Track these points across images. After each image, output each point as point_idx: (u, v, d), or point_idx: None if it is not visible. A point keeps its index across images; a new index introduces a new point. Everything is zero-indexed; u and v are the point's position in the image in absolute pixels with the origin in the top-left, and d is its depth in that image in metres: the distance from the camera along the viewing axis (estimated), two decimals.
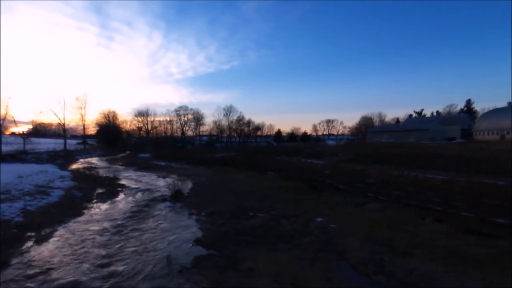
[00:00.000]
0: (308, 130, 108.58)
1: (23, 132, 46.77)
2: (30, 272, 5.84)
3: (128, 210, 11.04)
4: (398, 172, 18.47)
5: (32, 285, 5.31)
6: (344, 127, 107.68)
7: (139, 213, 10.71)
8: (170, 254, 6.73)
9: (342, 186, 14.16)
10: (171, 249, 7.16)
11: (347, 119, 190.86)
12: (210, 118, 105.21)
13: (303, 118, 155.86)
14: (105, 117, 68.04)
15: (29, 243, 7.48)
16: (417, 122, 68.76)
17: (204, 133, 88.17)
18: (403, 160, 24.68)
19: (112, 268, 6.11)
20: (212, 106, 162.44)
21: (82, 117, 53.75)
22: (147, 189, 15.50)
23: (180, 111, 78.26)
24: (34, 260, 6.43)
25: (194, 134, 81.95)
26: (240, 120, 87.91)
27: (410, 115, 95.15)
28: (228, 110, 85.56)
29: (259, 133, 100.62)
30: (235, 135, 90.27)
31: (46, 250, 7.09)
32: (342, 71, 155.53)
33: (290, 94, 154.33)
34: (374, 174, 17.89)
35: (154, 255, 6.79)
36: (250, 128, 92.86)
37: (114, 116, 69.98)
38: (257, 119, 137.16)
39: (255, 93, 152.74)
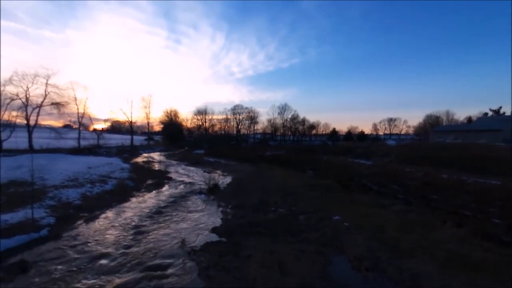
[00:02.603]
0: (368, 129, 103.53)
1: (102, 129, 53.29)
2: (74, 243, 7.26)
3: (167, 200, 12.36)
4: (447, 175, 17.25)
5: (71, 252, 6.65)
6: (408, 126, 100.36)
7: (175, 203, 11.95)
8: (185, 238, 7.66)
9: (375, 186, 13.85)
10: (189, 234, 8.10)
11: (412, 117, 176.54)
12: (265, 117, 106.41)
13: (362, 116, 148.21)
14: (168, 116, 73.70)
15: (80, 222, 9.07)
16: (490, 121, 60.77)
17: (258, 132, 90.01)
18: (460, 163, 22.71)
19: (136, 244, 7.25)
20: (270, 104, 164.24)
21: (147, 116, 59.01)
22: (190, 182, 16.91)
23: (236, 109, 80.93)
24: (79, 235, 7.89)
25: (248, 132, 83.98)
26: (294, 118, 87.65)
27: (485, 114, 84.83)
28: (283, 109, 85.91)
29: (314, 131, 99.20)
30: (289, 133, 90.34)
31: (91, 228, 8.56)
32: (406, 67, 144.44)
33: (349, 91, 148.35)
34: (418, 176, 16.97)
35: (173, 237, 7.79)
36: (305, 126, 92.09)
37: (176, 114, 75.31)
38: (312, 118, 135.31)
39: (313, 91, 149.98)
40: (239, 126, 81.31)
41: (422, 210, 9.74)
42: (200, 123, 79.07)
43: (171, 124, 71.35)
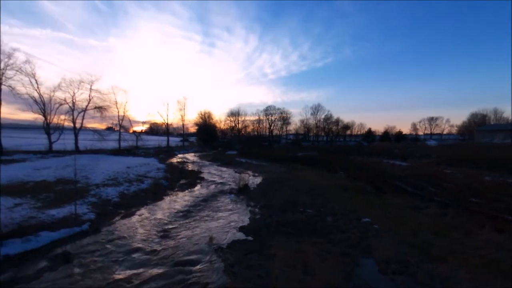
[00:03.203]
0: (406, 129, 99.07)
1: (141, 130, 56.10)
2: (111, 237, 7.78)
3: (198, 199, 12.78)
4: (492, 178, 16.08)
5: (108, 245, 7.15)
6: (451, 126, 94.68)
7: (205, 202, 12.32)
8: (213, 236, 7.91)
9: (410, 188, 13.27)
10: (217, 232, 8.34)
11: (455, 116, 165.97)
12: (298, 117, 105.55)
13: (400, 116, 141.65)
14: (202, 117, 75.76)
15: (117, 218, 9.68)
16: None
17: (291, 132, 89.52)
18: (509, 165, 21.03)
19: (167, 240, 7.62)
20: (304, 104, 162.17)
21: (182, 118, 61.06)
22: (221, 182, 17.30)
23: (268, 110, 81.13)
24: (116, 230, 8.44)
25: (280, 133, 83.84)
26: (327, 118, 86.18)
27: None
28: (316, 109, 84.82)
29: (348, 132, 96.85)
30: (323, 134, 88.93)
31: (127, 223, 9.10)
32: (448, 62, 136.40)
33: (386, 90, 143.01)
34: (458, 178, 15.99)
35: (202, 235, 8.06)
36: (339, 127, 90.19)
37: (209, 116, 77.19)
38: (347, 118, 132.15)
39: (348, 90, 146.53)
40: (271, 127, 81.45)
41: (460, 213, 9.20)
42: (233, 125, 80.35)
43: (205, 126, 73.23)
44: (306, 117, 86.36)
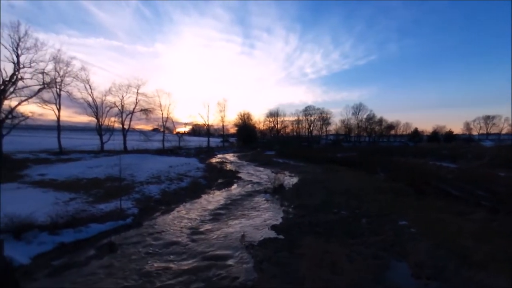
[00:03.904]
0: (458, 129, 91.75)
1: (184, 132, 58.64)
2: (151, 231, 8.37)
3: (233, 198, 13.14)
4: None
5: (148, 238, 7.71)
6: (511, 125, 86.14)
7: (241, 200, 12.64)
8: (246, 233, 8.15)
9: (455, 191, 12.47)
10: (250, 230, 8.57)
11: None
12: (338, 117, 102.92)
13: (451, 115, 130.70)
14: (241, 118, 76.97)
15: (158, 213, 10.34)
16: None
17: (331, 133, 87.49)
18: None
19: (202, 235, 8.03)
20: (345, 104, 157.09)
21: (222, 119, 62.57)
22: (257, 182, 17.58)
23: (308, 110, 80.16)
24: (156, 224, 9.04)
25: (320, 133, 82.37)
26: (370, 118, 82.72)
27: None
28: (357, 108, 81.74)
29: (392, 132, 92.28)
30: (365, 134, 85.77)
31: (167, 218, 9.70)
32: (506, 55, 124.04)
33: (434, 87, 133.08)
34: None
35: (234, 232, 8.35)
36: (382, 127, 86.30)
37: (248, 117, 78.10)
38: (391, 117, 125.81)
39: (393, 88, 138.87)
40: (311, 127, 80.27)
41: (508, 220, 8.49)
42: (272, 125, 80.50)
43: (244, 127, 74.25)
44: (347, 117, 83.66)
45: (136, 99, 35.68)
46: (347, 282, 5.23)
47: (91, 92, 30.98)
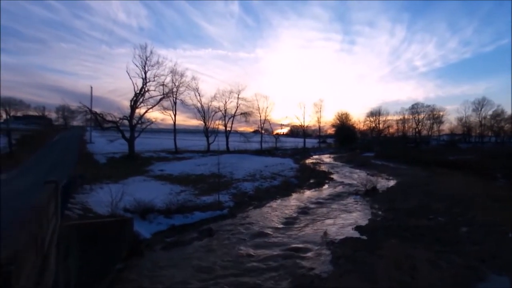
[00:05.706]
0: None
1: (282, 133, 60.93)
2: (243, 222, 9.52)
3: (322, 198, 13.40)
4: None
5: (240, 228, 8.81)
6: None
7: (329, 200, 12.83)
8: (328, 230, 8.46)
9: None
10: (333, 228, 8.83)
11: None
12: (454, 115, 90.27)
13: None
14: (339, 119, 74.81)
15: (250, 207, 11.50)
16: None
17: (445, 132, 76.67)
18: None
19: (287, 229, 8.76)
20: (464, 99, 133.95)
21: (318, 120, 62.22)
22: (349, 184, 17.27)
23: (415, 108, 72.36)
24: (248, 217, 10.16)
25: (430, 133, 73.21)
26: (497, 115, 68.77)
27: None
28: (479, 104, 68.37)
29: None
30: (490, 134, 72.22)
31: (258, 213, 10.75)
32: None
33: None
34: None
35: (319, 229, 8.76)
36: None
37: (347, 117, 75.20)
38: None
39: None
40: (419, 127, 72.20)
41: None
42: (373, 125, 75.69)
43: (342, 127, 71.98)
44: (466, 115, 71.60)
45: (237, 103, 38.95)
46: (425, 287, 5.08)
47: (200, 99, 35.38)
